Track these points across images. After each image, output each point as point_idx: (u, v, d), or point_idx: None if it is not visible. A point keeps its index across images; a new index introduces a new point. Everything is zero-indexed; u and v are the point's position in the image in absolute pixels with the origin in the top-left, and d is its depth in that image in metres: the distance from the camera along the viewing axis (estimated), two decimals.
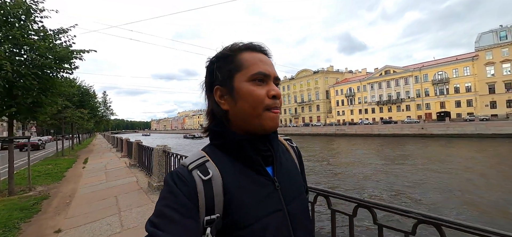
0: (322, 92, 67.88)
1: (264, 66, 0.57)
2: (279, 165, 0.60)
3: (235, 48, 0.59)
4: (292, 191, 0.59)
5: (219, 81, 0.58)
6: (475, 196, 8.64)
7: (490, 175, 11.57)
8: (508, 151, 19.33)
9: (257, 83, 0.55)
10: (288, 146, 0.71)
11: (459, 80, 45.83)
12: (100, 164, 9.11)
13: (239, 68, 0.56)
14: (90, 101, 20.19)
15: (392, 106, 54.92)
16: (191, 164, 0.53)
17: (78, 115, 14.78)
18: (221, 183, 0.52)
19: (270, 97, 0.55)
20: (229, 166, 0.55)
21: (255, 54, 0.58)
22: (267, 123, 0.55)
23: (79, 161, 11.08)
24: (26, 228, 3.27)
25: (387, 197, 8.89)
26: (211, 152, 0.57)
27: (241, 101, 0.55)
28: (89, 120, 20.19)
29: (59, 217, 3.55)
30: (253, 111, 0.55)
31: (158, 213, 0.47)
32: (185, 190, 0.49)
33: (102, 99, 30.02)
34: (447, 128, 35.71)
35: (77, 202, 4.27)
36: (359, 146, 27.86)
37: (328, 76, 68.97)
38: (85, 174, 7.33)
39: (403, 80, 53.48)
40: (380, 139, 36.30)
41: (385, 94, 55.99)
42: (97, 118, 26.19)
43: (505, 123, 31.45)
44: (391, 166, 14.65)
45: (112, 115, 32.03)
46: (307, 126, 58.24)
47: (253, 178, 0.55)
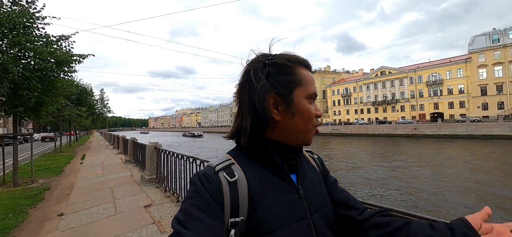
0: (319, 92, 68.62)
1: (314, 87, 0.59)
2: (303, 173, 0.61)
3: (293, 60, 0.59)
4: (316, 201, 0.59)
5: (276, 90, 0.57)
6: (446, 190, 9.26)
7: (468, 175, 12.22)
8: (495, 151, 20.05)
9: (311, 101, 0.58)
10: (309, 157, 0.72)
11: (453, 82, 46.71)
12: (97, 160, 9.58)
13: (299, 83, 0.57)
14: (87, 99, 20.56)
15: (387, 107, 55.74)
16: (218, 166, 0.54)
17: (76, 112, 15.19)
18: (247, 186, 0.52)
19: (317, 117, 0.59)
20: (254, 171, 0.55)
21: (309, 72, 0.60)
22: (310, 138, 0.59)
23: (77, 157, 11.53)
24: (33, 212, 3.79)
25: (381, 197, 9.44)
26: (236, 156, 0.58)
27: (299, 116, 0.57)
28: (86, 118, 20.60)
29: (61, 204, 4.06)
30: (305, 127, 0.57)
31: (184, 211, 0.48)
32: (211, 190, 0.50)
33: (99, 96, 30.37)
34: (439, 129, 36.52)
35: (76, 193, 4.77)
36: (353, 146, 28.55)
37: (325, 76, 69.67)
38: (83, 169, 7.81)
39: (398, 81, 54.30)
40: (374, 139, 37.04)
41: (381, 95, 56.80)
42: (95, 116, 26.54)
43: (494, 125, 32.27)
44: (380, 165, 15.28)
45: (109, 112, 32.33)
46: None
47: (278, 185, 0.55)
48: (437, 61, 53.29)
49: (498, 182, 10.56)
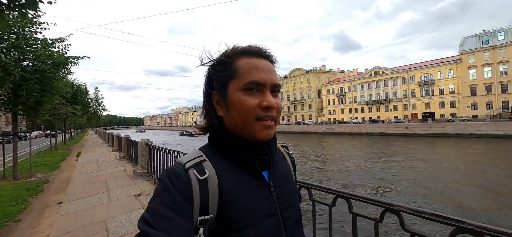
0: (314, 91, 69.17)
1: (258, 74, 0.54)
2: (275, 171, 0.60)
3: (232, 53, 0.57)
4: (287, 198, 0.59)
5: (216, 87, 0.58)
6: (435, 188, 9.88)
7: (455, 171, 12.91)
8: (481, 149, 20.88)
9: (249, 92, 0.54)
10: (284, 153, 0.71)
11: (444, 82, 47.76)
12: (92, 157, 9.94)
13: (233, 76, 0.55)
14: (82, 98, 20.75)
15: (380, 106, 56.64)
16: (188, 163, 0.53)
17: (72, 111, 15.45)
18: (217, 184, 0.51)
19: (262, 107, 0.53)
20: (226, 168, 0.54)
21: (252, 59, 0.56)
22: (258, 134, 0.54)
23: (72, 154, 11.86)
24: (34, 201, 4.20)
25: (362, 188, 10.02)
26: (208, 152, 0.56)
27: (233, 110, 0.55)
28: (81, 116, 20.80)
29: (59, 194, 4.48)
30: (243, 122, 0.54)
31: (151, 211, 0.46)
32: (180, 188, 0.48)
33: (94, 94, 30.43)
34: (429, 128, 37.43)
35: (73, 185, 5.19)
36: (346, 144, 29.16)
37: (320, 75, 70.26)
38: (78, 165, 8.19)
39: (391, 81, 55.21)
40: (367, 138, 37.78)
41: (374, 94, 57.68)
42: (89, 114, 26.66)
43: (481, 124, 33.23)
44: (372, 162, 15.90)
45: (104, 111, 32.37)
46: (299, 124, 59.48)
47: (249, 182, 0.55)
48: (429, 61, 54.40)
49: (463, 180, 11.23)
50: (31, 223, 3.24)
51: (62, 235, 2.75)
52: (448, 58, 50.37)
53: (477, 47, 44.30)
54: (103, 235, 2.67)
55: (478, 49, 44.14)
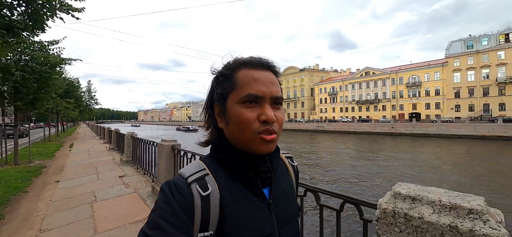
0: (307, 89, 70.20)
1: (257, 87, 0.53)
2: (277, 187, 0.60)
3: (233, 65, 0.57)
4: (286, 215, 0.59)
5: (217, 99, 0.58)
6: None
7: (429, 167, 14.21)
8: (458, 149, 22.34)
9: (248, 105, 0.53)
10: (288, 164, 0.69)
11: (430, 84, 49.42)
12: (84, 148, 10.79)
13: (232, 88, 0.55)
14: (74, 92, 21.32)
15: (370, 106, 58.14)
16: (191, 177, 0.52)
17: (64, 105, 16.12)
18: (219, 199, 0.51)
19: (261, 121, 0.52)
20: (227, 183, 0.54)
21: (251, 71, 0.55)
22: (257, 148, 0.53)
23: (65, 146, 12.65)
24: (35, 180, 5.14)
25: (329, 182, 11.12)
26: (210, 165, 0.56)
27: (231, 123, 0.54)
28: (74, 109, 21.41)
29: (56, 176, 5.41)
30: (242, 135, 0.53)
31: (152, 224, 0.46)
32: (182, 203, 0.48)
33: (86, 88, 30.83)
34: (413, 128, 39.03)
35: (67, 170, 6.11)
36: (334, 142, 30.41)
37: (313, 74, 71.24)
38: (71, 154, 9.05)
39: (381, 82, 56.68)
40: (355, 136, 39.20)
41: (365, 94, 59.10)
42: (82, 108, 27.16)
43: (461, 126, 34.91)
44: (356, 159, 17.12)
45: (96, 104, 32.82)
46: (291, 122, 60.65)
47: (249, 199, 0.54)
48: (417, 63, 56.09)
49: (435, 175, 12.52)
50: (36, 193, 4.19)
51: (61, 200, 3.72)
52: (435, 61, 52.09)
53: (462, 51, 45.96)
54: (91, 199, 3.66)
55: (463, 53, 45.81)
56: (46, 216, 3.09)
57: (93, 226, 2.75)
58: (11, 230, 2.84)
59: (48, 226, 2.81)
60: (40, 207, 3.49)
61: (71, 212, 3.21)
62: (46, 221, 2.95)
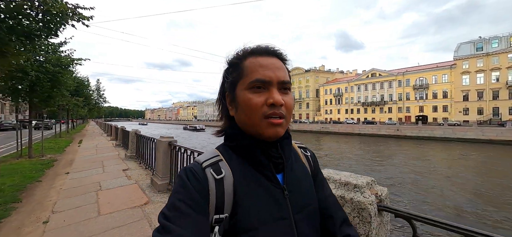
0: (313, 90, 69.99)
1: (263, 72, 0.55)
2: (289, 172, 0.60)
3: (241, 54, 0.59)
4: (301, 201, 0.59)
5: (227, 88, 0.60)
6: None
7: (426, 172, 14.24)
8: (464, 152, 22.11)
9: (255, 90, 0.55)
10: (301, 154, 0.70)
11: (438, 87, 48.63)
12: (92, 144, 11.37)
13: (241, 76, 0.57)
14: (84, 90, 22.15)
15: (375, 108, 57.59)
16: (205, 162, 0.54)
17: (74, 102, 16.86)
18: (232, 183, 0.53)
19: (268, 105, 0.53)
20: (240, 168, 0.56)
21: (258, 58, 0.57)
22: (265, 131, 0.54)
23: (75, 141, 13.31)
24: (48, 172, 5.63)
25: None
26: (224, 152, 0.58)
27: (240, 109, 0.56)
28: (83, 107, 22.25)
29: (66, 168, 5.90)
30: (249, 120, 0.55)
31: (171, 206, 0.48)
32: (198, 187, 0.50)
33: (95, 86, 31.85)
34: (419, 131, 38.50)
35: (76, 163, 6.60)
36: (337, 143, 30.47)
37: (319, 75, 70.97)
38: (80, 150, 9.62)
39: (387, 83, 56.09)
40: (359, 138, 38.94)
41: (370, 96, 58.58)
42: (91, 106, 28.09)
43: (468, 129, 34.27)
44: (357, 161, 17.26)
45: (105, 102, 33.81)
46: (295, 122, 60.66)
47: (262, 183, 0.55)
48: (425, 65, 55.32)
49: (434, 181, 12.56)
50: (49, 183, 4.66)
51: (70, 188, 4.16)
52: (443, 63, 51.25)
53: (472, 53, 45.06)
54: (97, 188, 4.09)
55: (472, 55, 44.91)
56: (57, 201, 3.52)
57: (97, 209, 3.16)
58: (28, 211, 3.28)
59: (59, 209, 3.23)
60: (52, 194, 3.94)
61: (78, 198, 3.64)
62: (57, 205, 3.37)
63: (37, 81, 6.78)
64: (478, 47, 44.79)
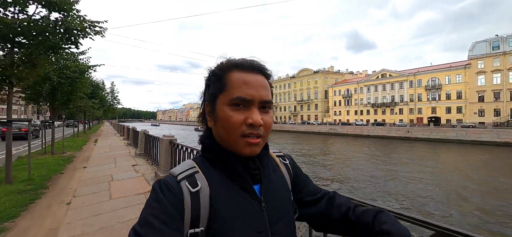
0: (321, 91, 69.51)
1: (246, 90, 0.54)
2: (267, 183, 0.60)
3: (225, 66, 0.58)
4: (278, 212, 0.58)
5: (208, 98, 0.59)
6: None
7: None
8: (477, 156, 21.29)
9: (236, 108, 0.54)
10: (279, 162, 0.69)
11: (451, 87, 47.11)
12: (106, 143, 12.32)
13: (222, 89, 0.56)
14: (99, 93, 23.51)
15: (386, 109, 56.45)
16: (180, 175, 0.53)
17: (90, 104, 18.06)
18: (209, 196, 0.52)
19: (247, 124, 0.53)
20: (217, 180, 0.55)
21: (242, 74, 0.55)
22: (242, 150, 0.54)
23: (91, 141, 14.36)
24: (68, 166, 6.43)
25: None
26: (201, 164, 0.57)
27: (219, 123, 0.55)
28: (98, 109, 23.62)
29: (84, 163, 6.69)
30: (228, 137, 0.54)
31: (143, 222, 0.46)
32: (172, 200, 0.48)
33: (110, 88, 33.51)
34: (431, 133, 37.50)
35: (92, 159, 7.40)
36: (346, 145, 30.30)
37: (327, 76, 70.39)
38: (96, 148, 10.52)
39: (398, 84, 54.90)
40: (368, 140, 38.36)
41: (381, 97, 57.51)
42: (105, 107, 29.62)
43: (483, 131, 33.10)
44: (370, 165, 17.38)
45: (119, 104, 35.45)
46: (304, 124, 60.54)
47: (239, 196, 0.55)
48: (437, 66, 53.79)
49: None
50: (69, 174, 5.43)
51: (87, 179, 4.88)
52: (457, 63, 49.65)
53: (487, 52, 43.39)
54: (109, 179, 4.78)
55: (488, 54, 43.23)
56: (77, 189, 4.21)
57: (109, 195, 3.81)
58: (54, 195, 3.98)
59: (78, 194, 3.91)
60: (72, 183, 4.65)
61: (94, 187, 4.32)
62: (77, 191, 4.06)
63: (58, 86, 7.66)
64: (494, 46, 43.06)
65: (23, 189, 4.13)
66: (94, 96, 21.24)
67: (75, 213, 3.14)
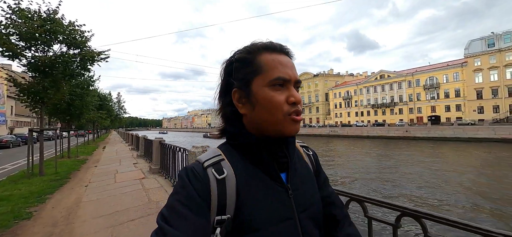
0: (322, 94, 70.30)
1: (284, 70, 0.54)
2: (293, 172, 0.59)
3: (253, 49, 0.57)
4: (305, 200, 0.58)
5: (237, 84, 0.57)
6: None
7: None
8: (472, 152, 21.75)
9: (276, 88, 0.54)
10: (303, 153, 0.69)
11: (449, 86, 47.51)
12: (113, 149, 13.98)
13: (257, 72, 0.55)
14: (107, 105, 25.37)
15: (386, 109, 56.93)
16: (207, 162, 0.53)
17: (98, 115, 19.84)
18: (235, 183, 0.51)
19: (290, 103, 0.54)
20: (244, 168, 0.54)
21: (275, 55, 0.56)
22: (287, 129, 0.54)
23: (100, 148, 16.06)
24: (82, 166, 8.02)
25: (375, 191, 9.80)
26: (227, 152, 0.57)
27: (259, 106, 0.54)
28: (106, 119, 25.49)
29: (95, 163, 8.28)
30: (271, 118, 0.54)
31: (170, 207, 0.47)
32: (199, 187, 0.49)
33: (116, 99, 35.55)
34: (429, 132, 37.92)
35: (102, 161, 8.98)
36: (346, 147, 30.97)
37: (328, 79, 71.18)
38: (104, 153, 12.16)
39: (397, 84, 55.48)
40: (369, 141, 38.85)
41: (380, 98, 58.09)
42: (112, 117, 31.54)
43: (480, 128, 33.43)
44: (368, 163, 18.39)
45: (125, 113, 37.42)
46: (305, 127, 61.49)
47: (266, 183, 0.54)
48: (435, 65, 54.30)
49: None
50: (84, 171, 7.04)
51: (98, 173, 6.44)
52: (454, 61, 50.14)
53: (483, 50, 43.85)
54: (115, 172, 6.33)
55: (484, 52, 43.67)
56: (91, 178, 5.75)
57: (114, 180, 5.36)
58: (75, 182, 5.53)
59: (92, 181, 5.44)
60: (87, 175, 6.21)
61: (104, 177, 5.86)
62: (91, 180, 5.60)
63: (71, 102, 9.33)
64: (489, 43, 43.50)
65: (53, 179, 5.69)
66: (102, 108, 23.06)
67: (91, 190, 4.64)
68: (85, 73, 7.12)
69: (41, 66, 5.61)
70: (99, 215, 3.27)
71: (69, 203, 3.88)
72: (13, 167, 9.59)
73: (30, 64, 5.55)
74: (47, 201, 4.07)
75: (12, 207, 3.61)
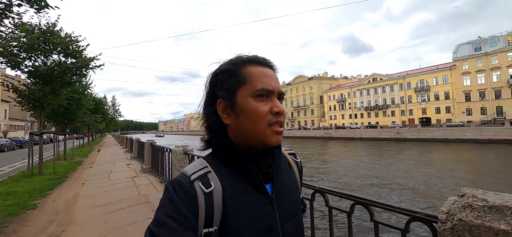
0: (316, 97, 71.09)
1: (268, 82, 0.56)
2: (279, 182, 0.60)
3: (239, 61, 0.59)
4: (289, 211, 0.59)
5: (222, 95, 0.58)
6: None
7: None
8: (458, 152, 22.75)
9: (260, 98, 0.55)
10: (291, 161, 0.70)
11: (439, 88, 48.75)
12: (108, 151, 14.42)
13: (242, 83, 0.56)
14: (102, 108, 25.70)
15: (379, 112, 57.99)
16: (193, 175, 0.53)
17: (93, 119, 20.22)
18: (221, 196, 0.52)
19: (273, 113, 0.55)
20: (229, 179, 0.55)
21: (259, 68, 0.58)
22: (269, 139, 0.55)
23: (95, 150, 16.45)
24: (78, 168, 8.52)
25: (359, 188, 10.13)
26: (212, 163, 0.57)
27: (243, 116, 0.55)
28: (101, 123, 25.80)
29: (90, 165, 8.77)
30: (255, 127, 0.55)
31: (157, 222, 0.47)
32: (186, 201, 0.49)
33: (111, 102, 35.77)
34: (419, 133, 38.95)
35: (97, 162, 9.47)
36: (339, 149, 31.70)
37: (322, 82, 72.08)
38: (99, 155, 12.61)
39: (389, 87, 56.62)
40: (361, 143, 39.59)
41: (373, 100, 59.19)
42: (107, 120, 31.76)
43: (467, 130, 34.50)
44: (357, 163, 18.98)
45: (120, 116, 37.61)
46: (300, 129, 62.20)
47: (251, 194, 0.55)
48: (425, 68, 55.72)
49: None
50: (80, 171, 7.54)
51: (94, 173, 6.94)
52: (443, 64, 51.55)
53: (470, 54, 45.26)
54: (109, 172, 6.86)
55: (471, 56, 45.06)
56: (87, 177, 6.28)
57: (108, 178, 5.92)
58: (72, 180, 6.06)
59: (88, 180, 5.98)
60: (83, 175, 6.72)
61: (99, 176, 6.39)
62: (87, 178, 6.13)
63: (69, 106, 9.82)
64: (476, 48, 44.94)
65: (52, 178, 6.23)
66: (97, 111, 23.39)
67: (87, 187, 5.18)
68: (82, 80, 7.63)
69: (43, 75, 6.15)
70: (94, 206, 3.83)
71: (68, 197, 4.42)
72: (10, 169, 10.04)
73: (30, 72, 6.10)
74: (48, 196, 4.61)
75: (18, 200, 4.15)
